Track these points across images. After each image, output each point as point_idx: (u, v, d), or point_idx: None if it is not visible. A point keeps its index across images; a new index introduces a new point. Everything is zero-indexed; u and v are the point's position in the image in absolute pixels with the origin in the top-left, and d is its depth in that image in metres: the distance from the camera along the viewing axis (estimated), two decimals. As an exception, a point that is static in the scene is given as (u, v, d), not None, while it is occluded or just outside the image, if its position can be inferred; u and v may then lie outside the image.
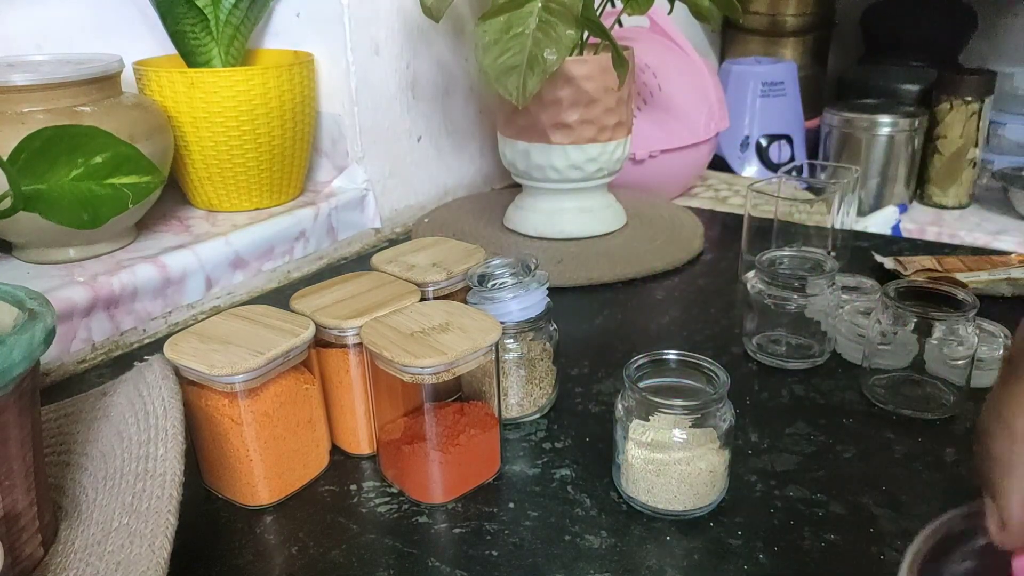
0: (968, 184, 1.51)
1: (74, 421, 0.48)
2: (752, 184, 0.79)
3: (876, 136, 1.48)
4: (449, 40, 1.01)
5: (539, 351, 0.57)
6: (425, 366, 0.46)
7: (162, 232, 0.81)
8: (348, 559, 0.46)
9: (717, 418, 0.48)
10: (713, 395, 0.47)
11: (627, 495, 0.49)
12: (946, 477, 0.51)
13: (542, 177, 0.86)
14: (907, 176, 1.51)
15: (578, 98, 0.81)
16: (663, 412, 0.47)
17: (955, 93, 1.45)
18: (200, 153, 0.82)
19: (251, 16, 0.85)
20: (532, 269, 0.57)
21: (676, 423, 0.47)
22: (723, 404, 0.48)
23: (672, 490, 0.47)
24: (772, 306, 0.64)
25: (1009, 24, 1.74)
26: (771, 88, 1.50)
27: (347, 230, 0.92)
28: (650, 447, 0.48)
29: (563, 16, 0.72)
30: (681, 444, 0.47)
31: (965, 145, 1.47)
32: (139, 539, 0.39)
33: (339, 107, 0.91)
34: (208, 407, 0.48)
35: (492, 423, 0.52)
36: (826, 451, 0.54)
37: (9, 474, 0.38)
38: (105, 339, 0.69)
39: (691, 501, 0.47)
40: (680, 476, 0.47)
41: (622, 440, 0.49)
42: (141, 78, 0.81)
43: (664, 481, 0.47)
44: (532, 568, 0.45)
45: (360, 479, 0.53)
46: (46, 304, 0.39)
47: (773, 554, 0.45)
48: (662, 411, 0.47)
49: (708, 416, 0.47)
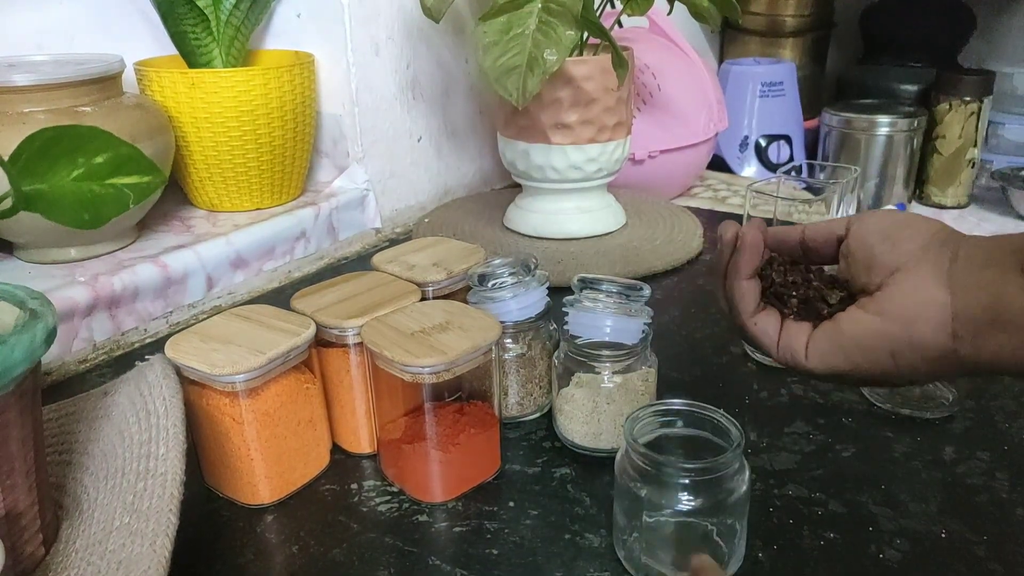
0: (967, 184, 1.51)
1: (75, 420, 0.48)
2: (751, 184, 0.79)
3: (875, 136, 1.48)
4: (449, 41, 1.01)
5: (539, 350, 0.57)
6: (425, 365, 0.46)
7: (163, 232, 0.81)
8: (349, 558, 0.46)
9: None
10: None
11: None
12: (945, 476, 0.51)
13: (542, 177, 0.86)
14: (906, 176, 1.51)
15: (578, 98, 0.81)
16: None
17: (954, 93, 1.45)
18: (201, 153, 0.82)
19: (252, 17, 0.85)
20: (532, 269, 0.57)
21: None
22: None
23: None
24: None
25: (1008, 24, 1.74)
26: (770, 88, 1.50)
27: (348, 230, 0.92)
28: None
29: (563, 17, 0.72)
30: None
31: (964, 145, 1.47)
32: (140, 538, 0.39)
33: (339, 107, 0.91)
34: (209, 406, 0.48)
35: (492, 422, 0.52)
36: (825, 450, 0.54)
37: (11, 473, 0.38)
38: (106, 339, 0.69)
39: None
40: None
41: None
42: (142, 78, 0.81)
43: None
44: (532, 566, 0.45)
45: (361, 478, 0.53)
46: (47, 304, 0.39)
47: (772, 553, 0.45)
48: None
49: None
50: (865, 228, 0.42)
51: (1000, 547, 0.45)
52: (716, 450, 0.43)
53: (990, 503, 0.49)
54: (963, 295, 0.37)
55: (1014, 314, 0.35)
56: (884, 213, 0.43)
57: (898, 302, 0.39)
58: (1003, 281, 0.36)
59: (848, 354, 0.41)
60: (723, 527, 0.43)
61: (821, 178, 0.88)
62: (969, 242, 0.39)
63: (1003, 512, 0.48)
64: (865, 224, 0.43)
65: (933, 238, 0.40)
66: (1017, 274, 0.35)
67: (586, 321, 0.53)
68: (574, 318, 0.54)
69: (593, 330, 0.53)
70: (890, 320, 0.39)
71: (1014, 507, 0.48)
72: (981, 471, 0.52)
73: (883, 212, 0.43)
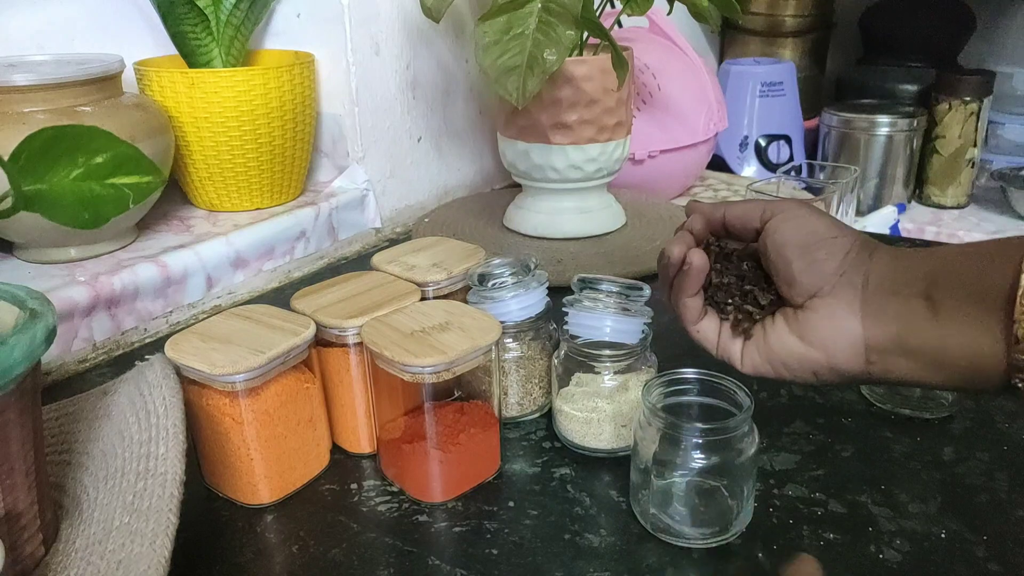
0: (967, 184, 1.51)
1: (75, 420, 0.48)
2: (751, 184, 0.79)
3: (875, 136, 1.48)
4: (449, 41, 1.01)
5: (539, 350, 0.57)
6: (425, 365, 0.46)
7: (163, 232, 0.81)
8: (348, 558, 0.46)
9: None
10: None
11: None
12: (944, 476, 0.51)
13: (542, 177, 0.86)
14: (906, 176, 1.51)
15: (578, 98, 0.81)
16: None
17: (954, 93, 1.45)
18: (201, 153, 0.82)
19: (252, 16, 0.85)
20: (532, 269, 0.57)
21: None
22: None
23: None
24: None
25: (1008, 24, 1.74)
26: (770, 88, 1.50)
27: (348, 230, 0.92)
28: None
29: (563, 17, 0.72)
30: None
31: (964, 145, 1.48)
32: (140, 538, 0.39)
33: (339, 107, 0.91)
34: (209, 406, 0.48)
35: (492, 422, 0.52)
36: (825, 450, 0.54)
37: (10, 473, 0.38)
38: (106, 338, 0.69)
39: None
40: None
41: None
42: (142, 78, 0.81)
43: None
44: (532, 566, 0.45)
45: (360, 478, 0.53)
46: (47, 304, 0.39)
47: (772, 553, 0.45)
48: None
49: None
50: (782, 237, 0.44)
51: (1000, 547, 0.45)
52: (727, 417, 0.46)
53: (990, 503, 0.49)
54: (874, 325, 0.41)
55: (918, 343, 0.39)
56: (798, 219, 0.44)
57: (818, 331, 0.43)
58: (909, 310, 0.39)
59: (775, 367, 0.46)
60: (732, 487, 0.46)
61: (821, 178, 0.88)
62: (881, 261, 0.42)
63: (1003, 512, 0.48)
64: (781, 232, 0.44)
65: (847, 258, 0.42)
66: (921, 301, 0.39)
67: (586, 321, 0.53)
68: (574, 318, 0.54)
69: (593, 330, 0.53)
70: (811, 346, 0.43)
71: (1014, 507, 0.48)
72: (981, 471, 0.52)
73: (797, 217, 0.44)
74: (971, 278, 0.37)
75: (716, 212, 0.48)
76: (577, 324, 0.54)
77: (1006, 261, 0.36)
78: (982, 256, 0.38)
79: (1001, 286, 0.36)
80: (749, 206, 0.47)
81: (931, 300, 0.39)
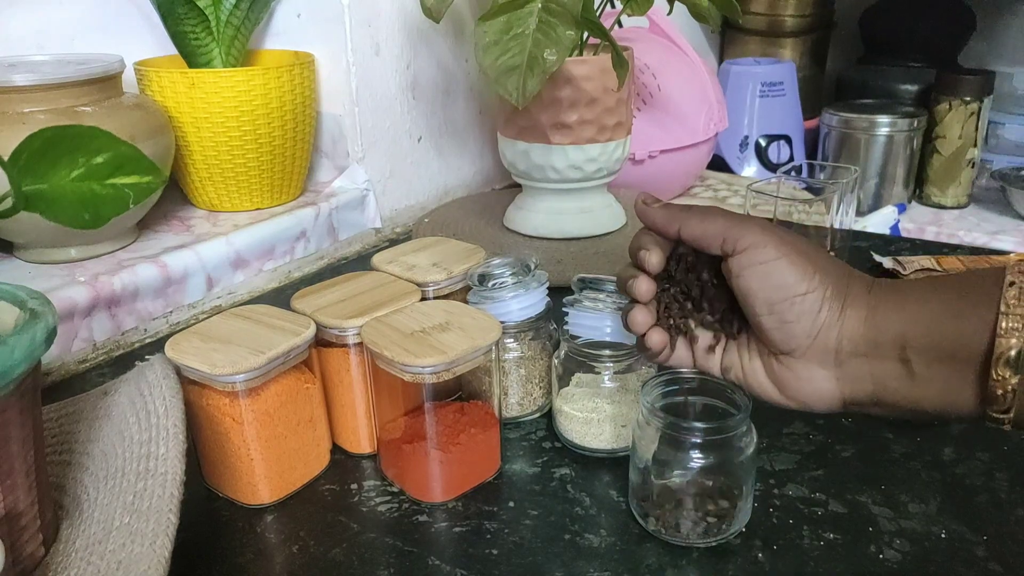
0: (967, 184, 1.51)
1: (75, 420, 0.48)
2: (751, 184, 0.79)
3: (875, 136, 1.48)
4: (449, 41, 1.01)
5: (539, 350, 0.57)
6: (425, 365, 0.46)
7: (163, 232, 0.81)
8: (348, 558, 0.46)
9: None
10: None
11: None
12: (944, 476, 0.51)
13: (542, 177, 0.86)
14: (906, 176, 1.51)
15: (578, 98, 0.81)
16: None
17: (954, 93, 1.45)
18: (201, 153, 0.82)
19: (252, 17, 0.85)
20: (532, 269, 0.58)
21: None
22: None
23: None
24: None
25: (1008, 24, 1.74)
26: (770, 88, 1.50)
27: (348, 230, 0.92)
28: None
29: (563, 16, 0.72)
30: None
31: (964, 145, 1.48)
32: (140, 538, 0.39)
33: (339, 107, 0.92)
34: (209, 406, 0.48)
35: (492, 422, 0.52)
36: (825, 450, 0.54)
37: (10, 473, 0.38)
38: (106, 339, 0.69)
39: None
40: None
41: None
42: (142, 78, 0.81)
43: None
44: (532, 566, 0.45)
45: (361, 478, 0.53)
46: (47, 304, 0.39)
47: (772, 553, 0.45)
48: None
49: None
50: (746, 285, 0.42)
51: (1000, 547, 0.45)
52: (724, 416, 0.46)
53: (989, 503, 0.49)
54: (850, 386, 0.42)
55: (895, 400, 0.40)
56: (764, 267, 0.41)
57: (793, 388, 0.43)
58: (884, 372, 0.40)
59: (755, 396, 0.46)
60: (731, 487, 0.46)
61: (821, 178, 0.88)
62: (852, 321, 0.41)
63: (1003, 512, 0.48)
64: (745, 280, 0.42)
65: (819, 320, 0.41)
66: (896, 364, 0.40)
67: (586, 321, 0.53)
68: (574, 318, 0.54)
69: (593, 330, 0.53)
70: (789, 398, 0.44)
71: (1013, 507, 0.48)
72: (980, 471, 0.52)
73: (763, 263, 0.41)
74: (946, 342, 0.38)
75: (671, 227, 0.45)
76: (577, 324, 0.54)
77: (979, 322, 0.36)
78: (953, 315, 0.38)
79: (976, 351, 0.37)
80: (707, 227, 0.43)
81: (906, 363, 0.39)
